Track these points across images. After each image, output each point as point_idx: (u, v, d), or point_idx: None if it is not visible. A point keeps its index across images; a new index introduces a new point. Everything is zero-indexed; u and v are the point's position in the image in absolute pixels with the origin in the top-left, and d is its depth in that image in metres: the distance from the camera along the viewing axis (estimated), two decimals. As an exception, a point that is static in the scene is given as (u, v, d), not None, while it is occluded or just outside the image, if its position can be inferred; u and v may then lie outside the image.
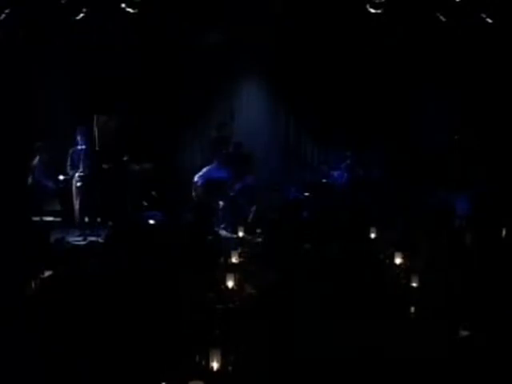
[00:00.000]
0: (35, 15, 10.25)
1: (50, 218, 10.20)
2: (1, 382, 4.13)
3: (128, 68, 11.42)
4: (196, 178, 10.73)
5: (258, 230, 8.92)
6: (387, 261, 6.85)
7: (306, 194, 10.99)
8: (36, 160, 10.45)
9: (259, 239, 8.26)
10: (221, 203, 10.66)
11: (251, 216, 10.37)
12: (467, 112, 11.47)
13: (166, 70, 11.79)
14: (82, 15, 10.28)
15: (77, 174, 10.28)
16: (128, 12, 10.12)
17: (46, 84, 11.46)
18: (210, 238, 7.70)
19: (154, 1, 10.60)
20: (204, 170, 10.80)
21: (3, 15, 9.94)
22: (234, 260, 6.79)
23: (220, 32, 11.64)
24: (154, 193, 11.07)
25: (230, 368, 4.14)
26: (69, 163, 10.41)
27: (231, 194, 10.70)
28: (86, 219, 10.35)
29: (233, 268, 6.44)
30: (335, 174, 11.39)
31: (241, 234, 8.26)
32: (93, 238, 9.48)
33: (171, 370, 4.14)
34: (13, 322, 4.69)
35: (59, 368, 4.15)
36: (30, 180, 10.43)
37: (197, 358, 4.20)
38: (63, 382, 4.13)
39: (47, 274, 5.96)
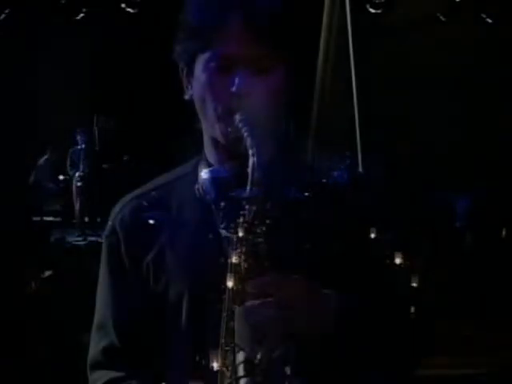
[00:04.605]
0: (35, 15, 10.24)
1: (50, 218, 10.21)
2: (2, 382, 4.13)
3: (128, 68, 11.41)
4: (202, 173, 10.72)
5: (258, 230, 8.92)
6: (387, 261, 6.84)
7: (306, 194, 10.98)
8: (42, 160, 10.48)
9: (259, 239, 8.26)
10: (221, 203, 10.67)
11: (251, 216, 10.38)
12: (467, 112, 11.46)
13: (166, 70, 11.76)
14: (81, 15, 10.28)
15: (77, 174, 10.29)
16: (128, 12, 10.12)
17: (46, 84, 11.45)
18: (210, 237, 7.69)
19: (154, 1, 10.59)
20: (212, 168, 10.78)
21: (3, 15, 9.94)
22: (234, 260, 6.79)
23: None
24: (153, 193, 11.05)
25: (230, 368, 4.13)
26: (69, 163, 10.42)
27: (231, 194, 10.70)
28: (86, 219, 10.35)
29: (233, 268, 6.44)
30: (335, 174, 11.35)
31: (241, 234, 8.26)
32: (93, 238, 9.48)
33: (171, 369, 4.13)
34: (12, 322, 4.69)
35: (59, 368, 4.16)
36: (32, 178, 10.45)
37: (197, 358, 4.19)
38: (64, 382, 4.13)
39: (47, 273, 5.97)
